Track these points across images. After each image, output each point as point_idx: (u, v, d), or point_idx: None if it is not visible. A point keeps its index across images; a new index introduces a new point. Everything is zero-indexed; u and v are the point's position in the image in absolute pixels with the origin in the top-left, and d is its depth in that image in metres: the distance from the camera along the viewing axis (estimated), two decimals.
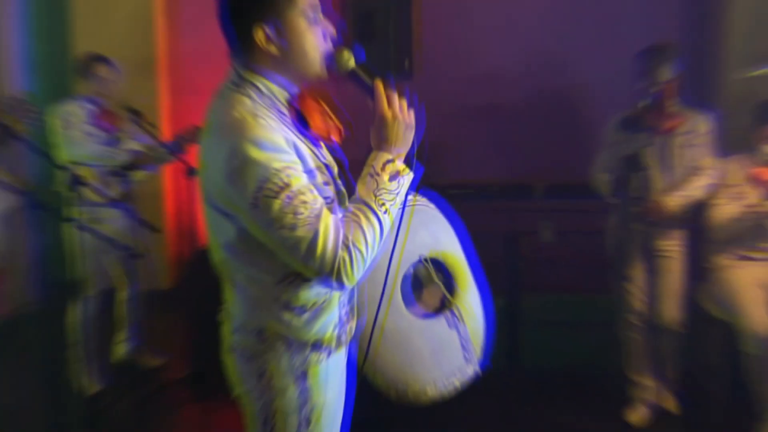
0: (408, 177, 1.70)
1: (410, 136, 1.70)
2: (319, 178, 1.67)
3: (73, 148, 4.10)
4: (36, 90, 5.61)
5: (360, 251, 1.58)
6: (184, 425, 3.98)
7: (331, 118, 1.79)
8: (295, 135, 1.66)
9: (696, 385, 4.02)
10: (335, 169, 1.79)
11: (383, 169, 1.65)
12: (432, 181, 4.87)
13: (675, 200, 3.62)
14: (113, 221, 4.18)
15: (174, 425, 4.01)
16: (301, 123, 1.71)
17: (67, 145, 4.12)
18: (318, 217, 1.55)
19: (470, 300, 2.26)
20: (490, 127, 5.38)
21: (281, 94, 1.71)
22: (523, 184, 4.62)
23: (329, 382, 1.83)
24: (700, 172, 3.68)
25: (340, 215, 1.63)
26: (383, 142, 1.68)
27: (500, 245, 4.39)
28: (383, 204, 1.64)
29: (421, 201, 2.20)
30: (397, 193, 1.67)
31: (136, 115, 4.29)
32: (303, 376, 1.76)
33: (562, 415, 3.94)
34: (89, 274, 4.25)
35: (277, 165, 1.54)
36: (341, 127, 1.83)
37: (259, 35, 1.64)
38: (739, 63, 4.65)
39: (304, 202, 1.54)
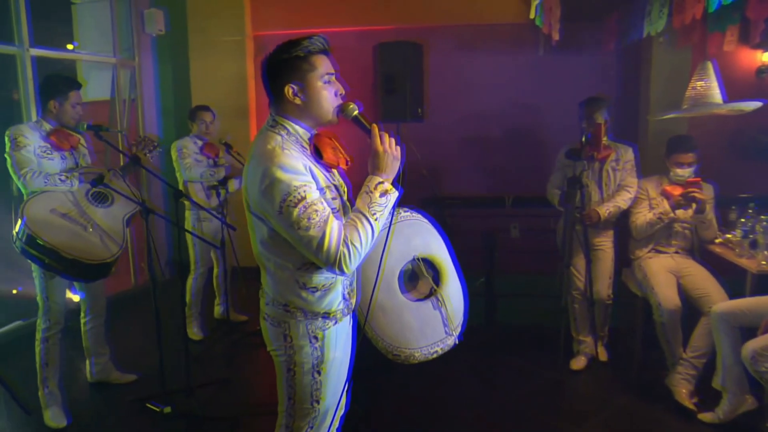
0: (393, 195, 1.69)
1: (396, 165, 1.70)
2: (328, 195, 1.68)
3: (187, 171, 4.14)
4: (166, 130, 5.69)
5: (355, 247, 1.59)
6: (260, 363, 3.96)
7: (339, 152, 1.79)
8: (312, 163, 1.67)
9: (621, 341, 3.89)
10: (342, 189, 1.81)
11: (375, 188, 1.65)
12: (436, 194, 4.85)
13: (606, 209, 3.52)
14: (211, 221, 4.19)
15: (253, 362, 3.99)
16: (317, 155, 1.73)
17: (182, 169, 4.15)
18: (326, 222, 1.57)
19: (451, 289, 2.21)
20: (476, 154, 5.32)
21: (303, 134, 1.73)
22: (498, 196, 4.51)
23: (337, 343, 1.81)
24: (625, 189, 3.58)
25: (343, 221, 1.63)
26: (376, 169, 1.68)
27: (481, 240, 4.32)
28: (374, 214, 1.64)
29: (416, 216, 2.19)
30: (385, 206, 1.66)
31: (228, 147, 4.29)
32: (315, 338, 1.76)
33: (524, 361, 3.82)
34: (198, 258, 4.31)
35: (296, 183, 1.57)
36: (347, 158, 1.82)
37: (289, 92, 1.68)
38: (656, 109, 4.55)
39: (316, 211, 1.56)
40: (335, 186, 1.74)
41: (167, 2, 5.42)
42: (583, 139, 3.47)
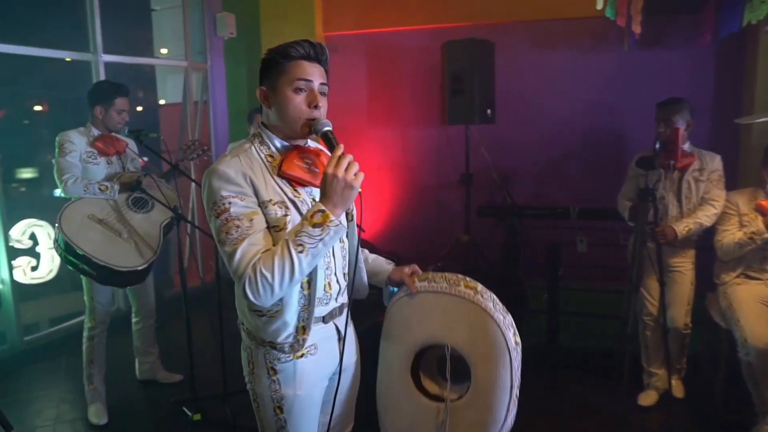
0: (335, 229, 1.43)
1: (348, 195, 1.43)
2: (273, 211, 1.50)
3: None
4: (236, 132, 5.76)
5: (265, 276, 1.41)
6: None
7: (310, 169, 1.57)
8: (266, 175, 1.52)
9: (700, 376, 3.39)
10: (306, 205, 1.57)
11: (312, 216, 1.43)
12: (507, 202, 4.52)
13: (684, 226, 3.04)
14: None
15: None
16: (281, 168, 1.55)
17: None
18: (241, 240, 1.44)
19: (472, 407, 1.72)
20: (545, 160, 4.93)
21: (279, 146, 1.58)
22: (563, 206, 4.10)
23: (297, 380, 1.61)
24: (709, 203, 3.09)
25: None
26: (322, 195, 1.44)
27: (545, 253, 3.95)
28: (299, 245, 1.41)
29: (463, 291, 1.67)
30: (319, 239, 1.42)
31: None
32: (272, 370, 1.61)
33: (585, 389, 3.44)
34: None
35: (223, 193, 1.47)
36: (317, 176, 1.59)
37: (260, 93, 1.59)
38: (761, 111, 3.94)
39: (237, 226, 1.45)
40: (293, 202, 1.54)
41: (239, 7, 5.47)
42: (656, 145, 3.03)
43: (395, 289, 1.83)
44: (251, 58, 5.81)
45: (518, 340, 1.68)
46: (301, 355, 1.61)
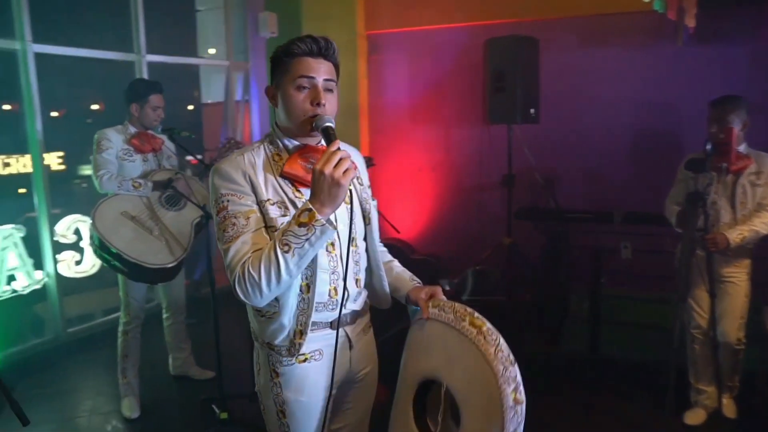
0: (320, 228, 1.36)
1: (336, 194, 1.36)
2: (271, 211, 1.48)
3: None
4: None
5: (252, 276, 1.38)
6: None
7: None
8: (269, 175, 1.51)
9: (756, 395, 3.15)
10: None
11: (299, 216, 1.38)
12: (551, 205, 4.36)
13: (738, 234, 2.82)
14: None
15: None
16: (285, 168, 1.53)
17: None
18: (236, 237, 1.43)
19: None
20: (591, 162, 4.70)
21: (288, 145, 1.56)
22: (607, 211, 3.90)
23: (297, 385, 1.58)
24: (766, 209, 2.86)
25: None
26: (311, 193, 1.39)
27: (587, 259, 3.78)
28: (287, 244, 1.37)
29: (492, 342, 1.39)
30: (305, 239, 1.36)
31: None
32: (274, 372, 1.58)
33: (628, 404, 3.26)
34: None
35: (222, 191, 1.48)
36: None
37: (268, 92, 1.59)
38: None
39: (233, 224, 1.45)
40: (292, 202, 1.50)
41: (281, 6, 5.50)
42: (707, 146, 2.82)
43: (417, 308, 1.68)
44: None
45: (520, 397, 1.36)
46: (304, 360, 1.57)
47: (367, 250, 1.69)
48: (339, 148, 1.38)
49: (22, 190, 4.21)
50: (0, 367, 3.53)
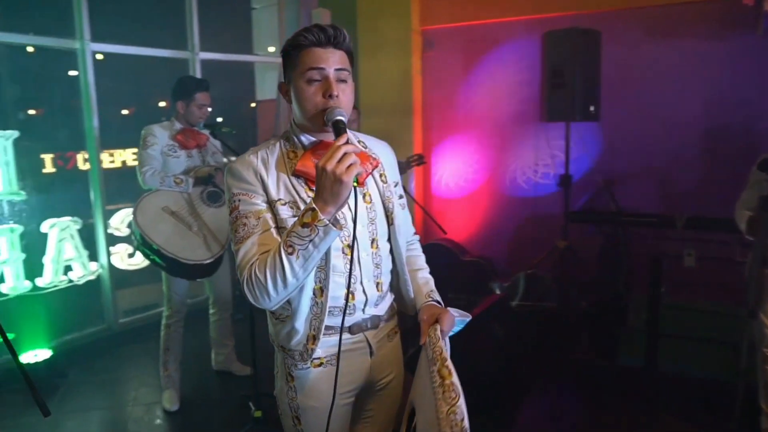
0: (323, 229, 1.28)
1: (339, 191, 1.27)
2: (282, 211, 1.43)
3: None
4: None
5: (259, 278, 1.34)
6: None
7: None
8: (281, 173, 1.45)
9: None
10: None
11: (302, 216, 1.31)
12: (612, 208, 4.11)
13: None
14: None
15: None
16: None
17: None
18: (246, 238, 1.39)
19: None
20: (655, 162, 4.38)
21: (304, 141, 1.50)
22: (668, 215, 3.61)
23: (312, 390, 1.52)
24: None
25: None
26: (315, 191, 1.31)
27: (646, 266, 3.51)
28: (291, 246, 1.31)
29: (447, 399, 1.21)
30: (308, 240, 1.29)
31: None
32: (290, 376, 1.54)
33: (688, 425, 3.00)
34: None
35: (234, 190, 1.44)
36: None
37: (281, 88, 1.53)
38: None
39: (244, 224, 1.40)
40: (305, 202, 1.43)
41: (335, 2, 5.46)
42: None
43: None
44: None
45: None
46: (319, 364, 1.50)
47: (391, 252, 1.60)
48: (347, 142, 1.29)
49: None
50: (54, 353, 3.67)
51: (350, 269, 1.42)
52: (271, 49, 5.57)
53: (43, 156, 4.19)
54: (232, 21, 5.32)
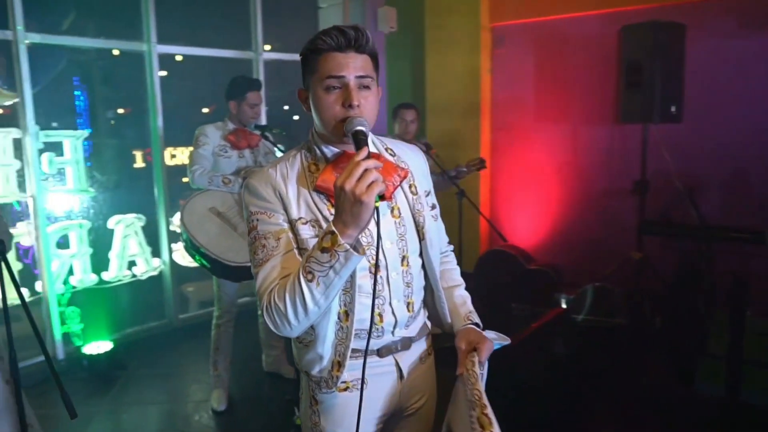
0: (344, 255, 1.17)
1: (359, 212, 1.15)
2: (305, 229, 1.32)
3: None
4: (389, 129, 5.66)
5: (278, 306, 1.24)
6: None
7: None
8: (302, 189, 1.35)
9: None
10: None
11: (322, 239, 1.20)
12: (694, 219, 3.77)
13: None
14: None
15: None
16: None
17: None
18: (265, 261, 1.30)
19: None
20: (740, 170, 3.95)
21: (326, 153, 1.38)
22: (757, 230, 3.22)
23: (336, 416, 1.42)
24: None
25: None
26: (335, 212, 1.20)
27: (732, 285, 3.15)
28: (310, 272, 1.21)
29: None
30: (328, 267, 1.19)
31: (428, 147, 3.98)
32: (314, 399, 1.44)
33: None
34: None
35: (252, 209, 1.34)
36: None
37: (300, 95, 1.40)
38: None
39: (264, 246, 1.31)
40: (328, 221, 1.31)
41: (403, 0, 5.35)
42: None
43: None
44: (415, 53, 5.68)
45: None
46: (345, 388, 1.40)
47: (424, 267, 1.49)
48: (368, 156, 1.17)
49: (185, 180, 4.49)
50: (115, 345, 3.79)
51: (374, 293, 1.28)
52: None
53: (134, 152, 4.39)
54: (298, 21, 5.32)
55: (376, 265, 1.28)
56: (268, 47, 4.68)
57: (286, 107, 5.88)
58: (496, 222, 5.39)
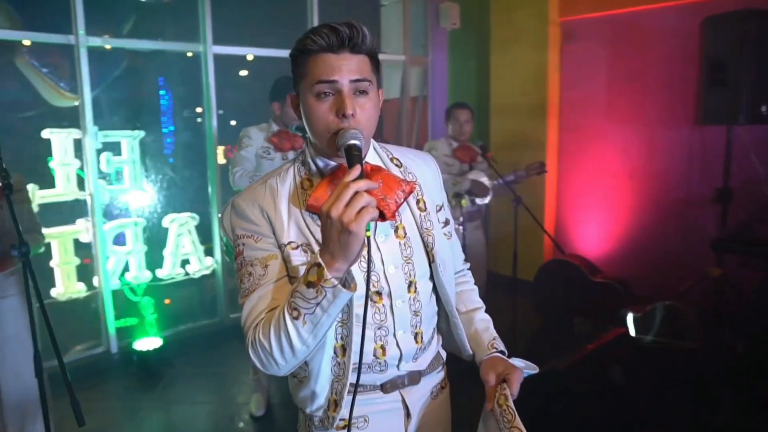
0: (332, 291, 1.03)
1: (347, 242, 1.00)
2: (296, 255, 1.17)
3: None
4: None
5: (263, 344, 1.10)
6: None
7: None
8: (293, 208, 1.20)
9: None
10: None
11: (307, 272, 1.05)
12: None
13: None
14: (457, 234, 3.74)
15: None
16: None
17: None
18: (251, 291, 1.16)
19: None
20: None
21: (322, 167, 1.24)
22: None
23: None
24: None
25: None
26: (322, 241, 1.05)
27: None
28: (295, 309, 1.06)
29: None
30: (317, 303, 1.04)
31: (483, 150, 3.74)
32: None
33: None
34: None
35: (238, 232, 1.20)
36: (388, 209, 1.19)
37: (291, 101, 1.24)
38: None
39: (250, 274, 1.17)
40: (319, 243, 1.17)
41: None
42: None
43: None
44: (479, 50, 5.42)
45: None
46: (344, 427, 1.24)
47: (436, 291, 1.32)
48: (362, 176, 1.02)
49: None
50: (165, 342, 3.83)
51: (363, 331, 1.10)
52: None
53: (220, 148, 4.51)
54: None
55: (365, 306, 1.08)
56: None
57: None
58: (561, 229, 5.06)
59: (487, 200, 3.71)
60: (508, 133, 5.20)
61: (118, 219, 3.84)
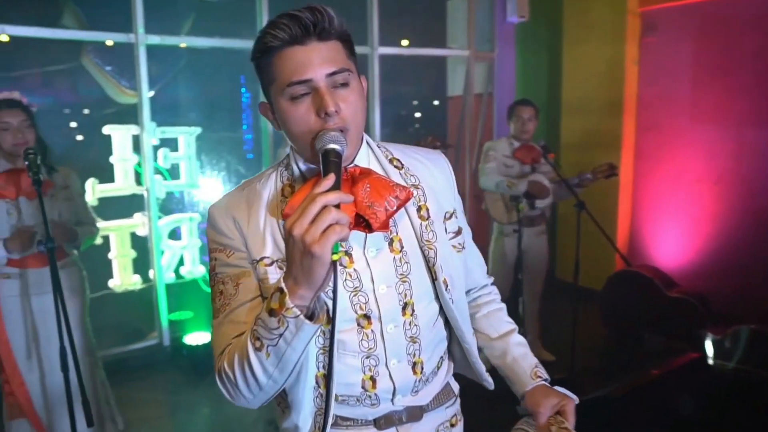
0: (294, 322, 0.88)
1: (311, 267, 0.85)
2: (272, 271, 1.01)
3: (482, 177, 3.55)
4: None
5: (227, 374, 0.98)
6: None
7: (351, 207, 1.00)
8: (270, 218, 1.03)
9: None
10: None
11: (270, 298, 0.90)
12: None
13: None
14: (510, 237, 3.47)
15: None
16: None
17: (480, 175, 3.58)
18: (221, 312, 1.03)
19: None
20: None
21: (306, 172, 1.08)
22: None
23: None
24: None
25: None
26: (287, 263, 0.90)
27: None
28: (258, 339, 0.92)
29: None
30: (280, 335, 0.89)
31: (545, 151, 3.44)
32: None
33: None
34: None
35: (211, 245, 1.08)
36: (375, 218, 1.00)
37: (262, 109, 1.08)
38: None
39: (221, 293, 1.04)
40: None
41: None
42: None
43: (524, 411, 1.18)
44: (551, 44, 5.07)
45: None
46: None
47: (442, 313, 1.13)
48: (336, 186, 0.87)
49: None
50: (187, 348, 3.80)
51: (330, 357, 0.93)
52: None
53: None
54: (425, 13, 5.01)
55: (331, 341, 0.90)
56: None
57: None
58: (636, 238, 4.64)
59: (547, 202, 3.42)
60: (580, 133, 4.84)
61: (174, 214, 3.87)
